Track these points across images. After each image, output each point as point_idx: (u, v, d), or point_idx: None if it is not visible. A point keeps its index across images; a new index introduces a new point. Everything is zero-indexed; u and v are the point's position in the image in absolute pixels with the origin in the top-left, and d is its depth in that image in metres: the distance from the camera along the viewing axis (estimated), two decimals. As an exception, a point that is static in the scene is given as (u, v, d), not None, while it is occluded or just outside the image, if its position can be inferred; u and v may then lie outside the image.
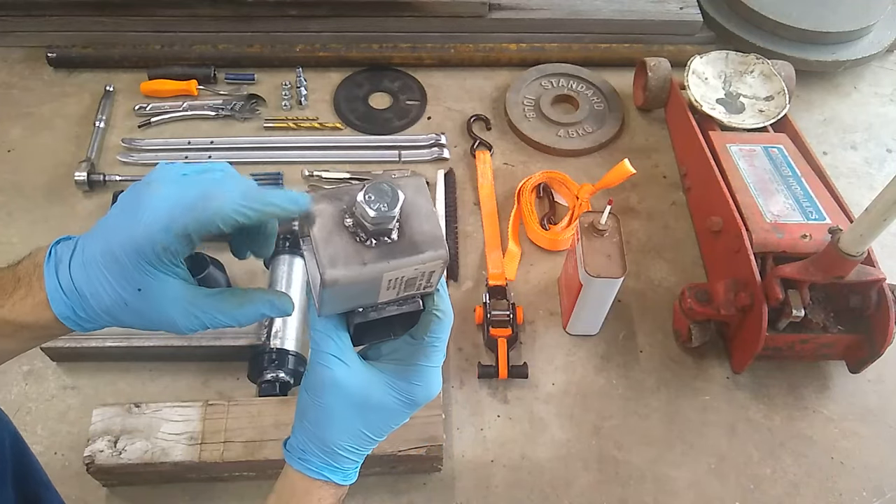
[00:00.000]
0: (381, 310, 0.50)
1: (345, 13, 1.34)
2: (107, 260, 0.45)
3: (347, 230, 0.45)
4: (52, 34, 1.32)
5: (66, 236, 0.49)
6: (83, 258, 0.46)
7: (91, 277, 0.45)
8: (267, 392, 0.89)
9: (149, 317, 0.46)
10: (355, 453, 0.53)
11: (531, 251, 1.13)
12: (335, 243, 0.45)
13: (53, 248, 0.47)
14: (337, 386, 0.49)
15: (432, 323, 0.51)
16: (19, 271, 0.48)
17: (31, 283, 0.46)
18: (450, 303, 0.53)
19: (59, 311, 0.46)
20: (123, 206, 0.46)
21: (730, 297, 0.95)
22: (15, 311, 0.46)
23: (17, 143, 1.21)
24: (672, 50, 1.38)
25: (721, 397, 1.00)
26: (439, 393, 0.54)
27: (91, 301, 0.45)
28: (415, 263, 0.45)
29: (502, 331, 0.99)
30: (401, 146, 1.23)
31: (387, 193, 0.44)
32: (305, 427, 0.52)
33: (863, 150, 1.32)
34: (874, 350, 0.94)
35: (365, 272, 0.44)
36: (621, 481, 0.92)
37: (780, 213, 1.00)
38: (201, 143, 1.21)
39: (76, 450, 0.89)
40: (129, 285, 0.45)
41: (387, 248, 0.45)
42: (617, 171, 1.13)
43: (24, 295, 0.46)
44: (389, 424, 0.53)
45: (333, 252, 0.44)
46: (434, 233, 0.46)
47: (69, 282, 0.45)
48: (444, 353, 0.53)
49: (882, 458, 0.96)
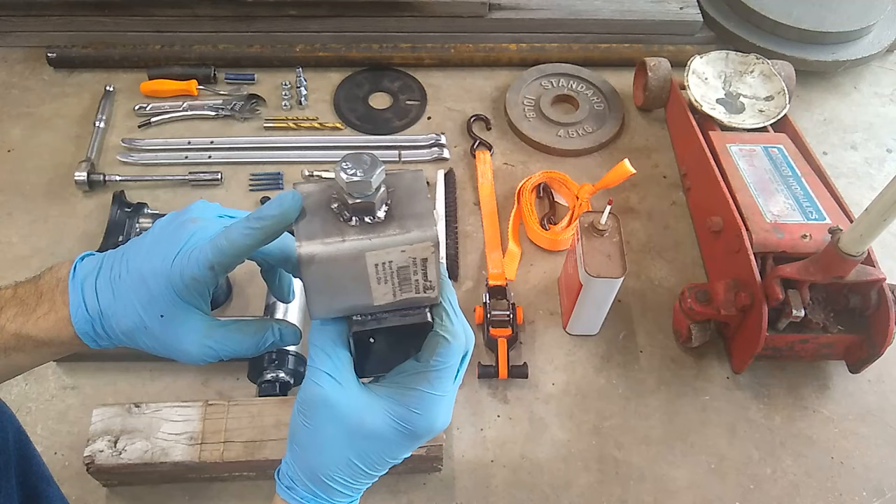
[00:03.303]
0: (380, 318, 0.45)
1: (345, 13, 1.34)
2: (136, 282, 0.46)
3: (332, 211, 0.43)
4: (52, 34, 1.32)
5: (90, 252, 0.50)
6: (111, 276, 0.47)
7: (118, 297, 0.46)
8: (267, 392, 0.89)
9: (165, 342, 0.47)
10: (348, 487, 0.47)
11: (531, 251, 1.13)
12: (315, 222, 0.42)
13: (79, 263, 0.48)
14: (327, 406, 0.45)
15: (439, 345, 0.46)
16: (41, 286, 0.48)
17: (55, 299, 0.47)
18: (465, 325, 0.48)
19: (80, 328, 0.46)
20: (160, 234, 0.48)
21: (730, 297, 0.95)
22: (38, 327, 0.47)
23: (17, 143, 1.21)
24: (672, 50, 1.38)
25: (721, 397, 1.00)
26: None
27: (112, 320, 0.46)
28: (400, 244, 0.42)
29: (502, 331, 0.99)
30: (401, 146, 1.23)
31: (365, 161, 0.41)
32: (295, 451, 0.47)
33: (863, 150, 1.32)
34: (874, 350, 0.94)
35: (344, 248, 0.41)
36: (621, 481, 0.92)
37: (780, 213, 1.00)
38: (201, 143, 1.21)
39: (76, 450, 0.89)
40: (153, 310, 0.46)
41: (370, 226, 0.42)
42: (617, 171, 1.13)
43: (48, 311, 0.47)
44: (385, 457, 0.47)
45: (312, 229, 0.42)
46: (422, 213, 0.43)
47: (94, 299, 0.46)
48: (453, 382, 0.48)
49: (882, 458, 0.96)
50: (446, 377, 0.47)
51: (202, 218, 0.48)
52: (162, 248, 0.46)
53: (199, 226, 0.47)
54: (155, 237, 0.48)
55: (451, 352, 0.46)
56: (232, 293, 1.04)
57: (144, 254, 0.47)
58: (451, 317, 0.47)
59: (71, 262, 0.48)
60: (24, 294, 0.48)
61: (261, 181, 1.17)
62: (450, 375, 0.47)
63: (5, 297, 0.48)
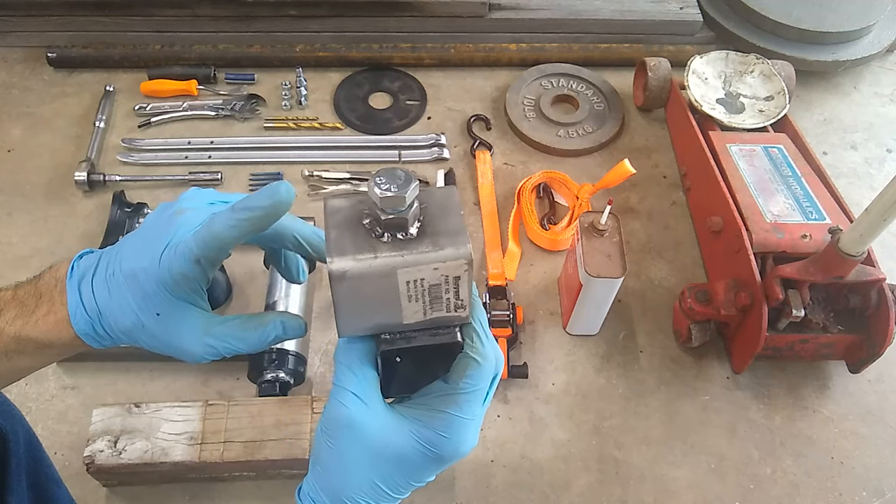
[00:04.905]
0: (409, 337, 0.44)
1: (345, 13, 1.34)
2: (129, 281, 0.45)
3: (363, 227, 0.42)
4: (52, 34, 1.32)
5: (89, 250, 0.49)
6: (106, 275, 0.46)
7: (113, 296, 0.45)
8: (267, 392, 0.89)
9: (164, 341, 0.46)
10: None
11: (531, 251, 1.13)
12: (347, 237, 0.41)
13: (76, 262, 0.47)
14: (352, 428, 0.43)
15: (469, 367, 0.45)
16: (41, 287, 0.47)
17: (53, 299, 0.46)
18: (495, 347, 0.47)
19: (80, 328, 0.46)
20: (149, 229, 0.46)
21: (730, 297, 0.95)
22: (38, 328, 0.46)
23: (17, 143, 1.21)
24: (672, 50, 1.38)
25: (721, 397, 1.00)
26: None
27: (110, 319, 0.45)
28: (433, 261, 0.41)
29: (502, 331, 0.99)
30: (401, 146, 1.23)
31: (399, 177, 0.40)
32: (318, 472, 0.46)
33: (863, 150, 1.32)
34: (874, 350, 0.94)
35: (376, 265, 0.40)
36: (621, 481, 0.92)
37: (780, 213, 1.00)
38: (201, 143, 1.21)
39: (76, 450, 0.89)
40: (148, 308, 0.45)
41: (402, 242, 0.41)
42: (617, 171, 1.13)
43: (47, 312, 0.46)
44: (409, 480, 0.46)
45: (343, 244, 0.41)
46: (456, 230, 0.41)
47: (91, 299, 0.45)
48: (482, 405, 0.46)
49: (882, 458, 0.96)
50: (475, 400, 0.45)
51: (191, 208, 0.47)
52: (151, 244, 0.45)
53: (186, 217, 0.46)
54: (145, 232, 0.46)
55: (481, 374, 0.45)
56: (232, 293, 1.04)
57: (135, 251, 0.46)
58: (482, 338, 0.46)
59: (70, 262, 0.48)
60: (24, 295, 0.47)
61: (261, 181, 1.17)
62: (479, 399, 0.45)
63: (5, 298, 0.48)
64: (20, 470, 0.64)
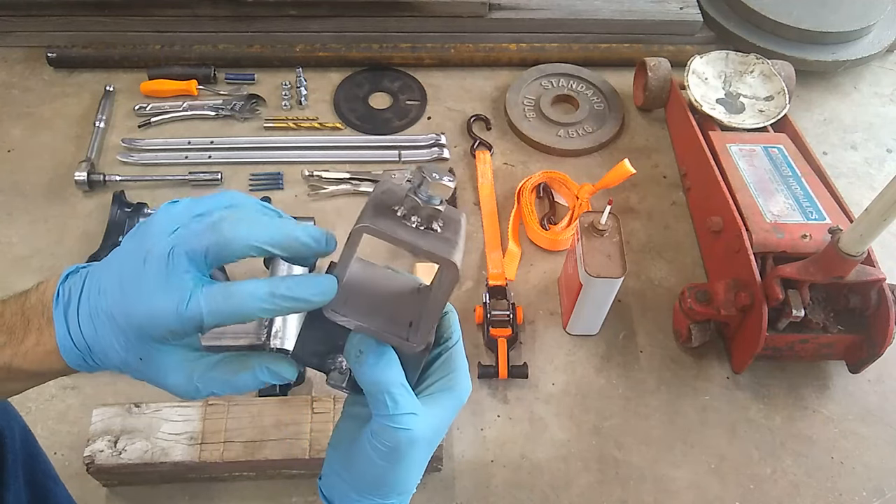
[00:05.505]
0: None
1: (345, 13, 1.34)
2: (111, 323, 0.42)
3: (395, 212, 0.43)
4: (52, 34, 1.32)
5: (75, 268, 0.46)
6: (89, 307, 0.43)
7: (99, 335, 0.43)
8: (267, 392, 0.89)
9: (152, 380, 0.45)
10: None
11: (531, 251, 1.13)
12: (382, 216, 0.43)
13: (61, 286, 0.44)
14: (416, 442, 0.45)
15: (452, 319, 0.50)
16: (28, 311, 0.44)
17: (42, 329, 0.44)
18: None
19: (71, 361, 0.44)
20: (124, 269, 0.42)
21: (730, 297, 0.95)
22: (28, 359, 0.44)
23: (17, 143, 1.21)
24: (672, 50, 1.38)
25: (721, 397, 1.00)
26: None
27: (100, 355, 0.43)
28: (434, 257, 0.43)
29: (502, 331, 0.99)
30: (401, 146, 1.23)
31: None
32: (369, 487, 0.47)
33: (863, 150, 1.32)
34: (874, 350, 0.94)
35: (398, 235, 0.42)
36: (621, 481, 0.92)
37: (780, 213, 1.00)
38: (201, 143, 1.21)
39: (76, 450, 0.89)
40: (132, 352, 0.43)
41: (420, 233, 0.43)
42: (617, 171, 1.13)
43: (36, 343, 0.44)
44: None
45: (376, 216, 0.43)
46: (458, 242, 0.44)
47: (79, 333, 0.43)
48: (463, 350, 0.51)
49: (882, 458, 0.96)
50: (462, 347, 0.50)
51: (165, 233, 0.42)
52: (130, 291, 0.41)
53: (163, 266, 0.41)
54: (120, 273, 0.42)
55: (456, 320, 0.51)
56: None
57: (119, 287, 0.42)
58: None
59: (56, 283, 0.45)
60: (11, 320, 0.45)
61: (261, 181, 1.17)
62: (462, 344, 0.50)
63: None
64: (16, 466, 0.64)
